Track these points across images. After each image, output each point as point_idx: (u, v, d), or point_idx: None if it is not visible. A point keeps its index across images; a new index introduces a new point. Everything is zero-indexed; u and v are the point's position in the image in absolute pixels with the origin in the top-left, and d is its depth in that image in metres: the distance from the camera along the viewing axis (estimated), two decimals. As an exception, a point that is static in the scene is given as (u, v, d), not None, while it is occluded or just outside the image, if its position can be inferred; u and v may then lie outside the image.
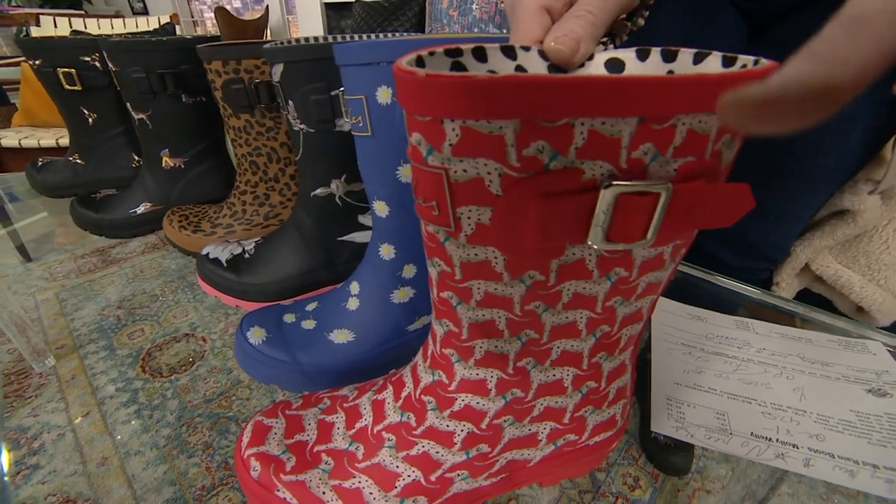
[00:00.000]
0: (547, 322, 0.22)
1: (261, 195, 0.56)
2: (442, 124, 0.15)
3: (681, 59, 0.20)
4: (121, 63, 0.56)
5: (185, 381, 0.43)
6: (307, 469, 0.26)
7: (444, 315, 0.23)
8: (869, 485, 0.29)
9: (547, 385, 0.25)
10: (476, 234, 0.18)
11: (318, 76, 0.37)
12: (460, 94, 0.14)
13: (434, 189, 0.18)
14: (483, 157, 0.16)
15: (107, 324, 0.51)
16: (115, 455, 0.36)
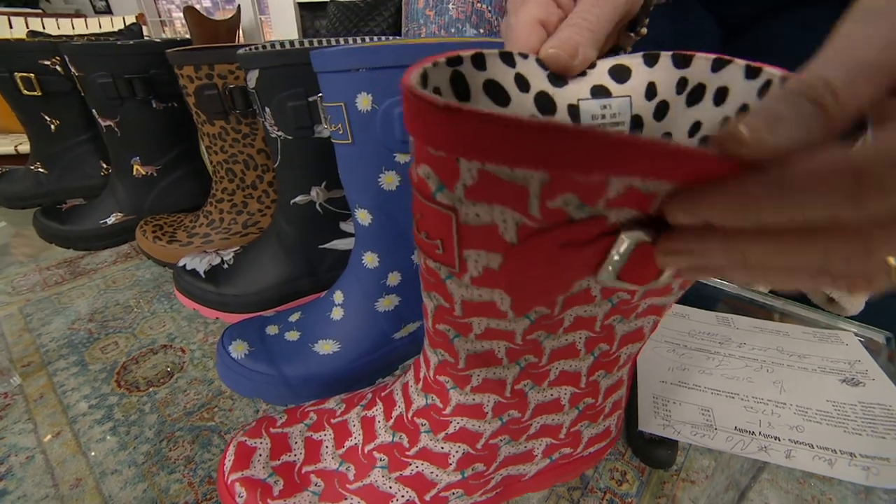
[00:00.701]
0: (547, 347, 0.21)
1: (238, 203, 0.54)
2: (457, 162, 0.13)
3: (696, 64, 0.19)
4: (85, 68, 0.53)
5: (164, 394, 0.41)
6: (296, 492, 0.25)
7: (440, 346, 0.23)
8: (847, 473, 0.30)
9: (544, 405, 0.25)
10: (483, 278, 0.17)
11: (294, 82, 0.36)
12: (485, 134, 0.12)
13: (440, 227, 0.16)
14: (500, 205, 0.14)
15: (77, 338, 0.48)
16: (90, 475, 0.34)
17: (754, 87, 0.17)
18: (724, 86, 0.18)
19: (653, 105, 0.20)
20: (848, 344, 0.43)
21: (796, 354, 0.42)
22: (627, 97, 0.20)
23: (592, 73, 0.20)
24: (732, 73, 0.18)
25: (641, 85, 0.20)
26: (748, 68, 0.17)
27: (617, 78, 0.20)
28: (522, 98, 0.19)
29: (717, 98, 0.18)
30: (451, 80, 0.18)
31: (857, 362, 0.40)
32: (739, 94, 0.18)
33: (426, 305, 0.22)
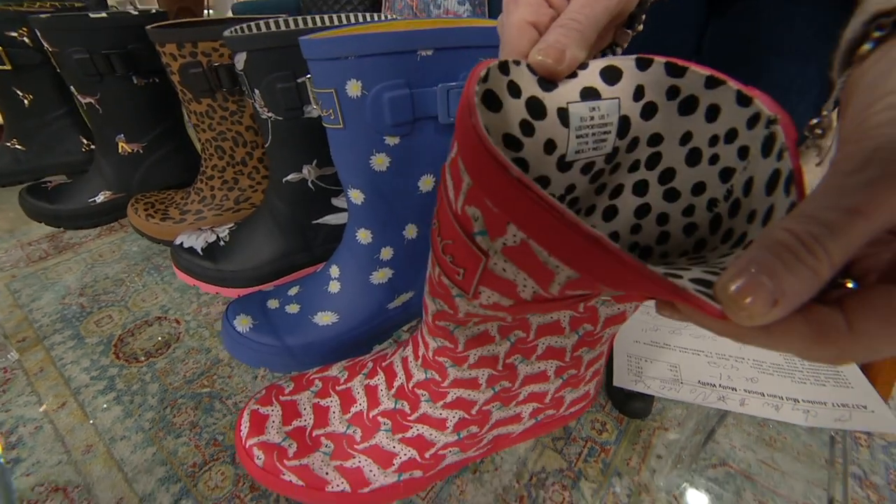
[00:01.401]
0: (533, 322, 0.24)
1: (229, 179, 0.55)
2: (507, 225, 0.14)
3: (690, 77, 0.19)
4: (58, 43, 0.52)
5: (163, 364, 0.43)
6: (309, 453, 0.28)
7: (439, 335, 0.25)
8: (790, 416, 0.35)
9: (532, 376, 0.28)
10: (491, 307, 0.19)
11: (282, 64, 0.37)
12: (541, 221, 0.13)
13: (468, 261, 0.17)
14: (526, 273, 0.16)
15: (70, 312, 0.49)
16: (100, 442, 0.36)
17: (745, 116, 0.18)
18: (716, 104, 0.19)
19: (640, 105, 0.20)
20: (804, 303, 0.47)
21: (758, 313, 0.46)
22: (616, 99, 0.20)
23: (584, 74, 0.19)
24: (725, 94, 0.18)
25: (630, 87, 0.20)
26: (739, 94, 0.17)
27: (607, 80, 0.20)
28: (514, 104, 0.19)
29: (709, 115, 0.19)
30: None
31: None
32: (730, 118, 0.18)
33: (427, 305, 0.24)
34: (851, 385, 0.37)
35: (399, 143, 0.33)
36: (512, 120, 0.19)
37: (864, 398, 0.36)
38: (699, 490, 0.34)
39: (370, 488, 0.28)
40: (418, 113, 0.31)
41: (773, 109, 0.16)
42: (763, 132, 0.16)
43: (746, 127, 0.17)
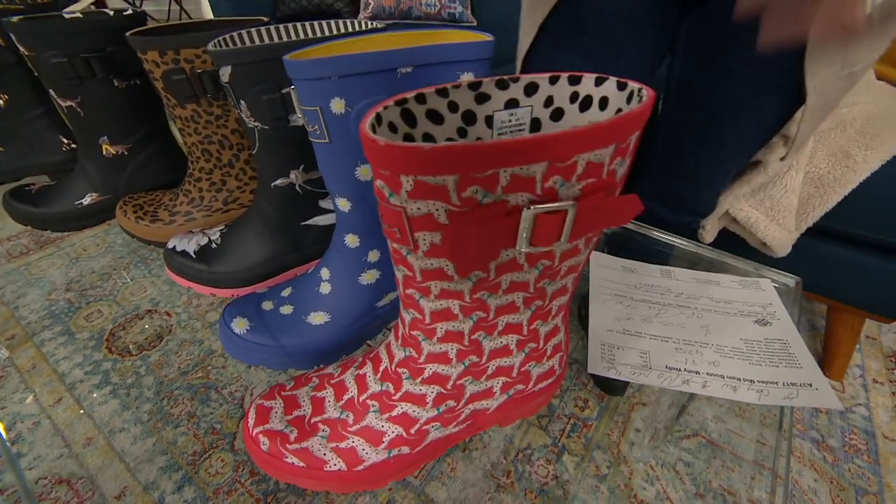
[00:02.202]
0: (492, 304, 0.27)
1: (217, 181, 0.56)
2: (399, 177, 0.20)
3: (584, 82, 0.26)
4: (34, 47, 0.52)
5: (157, 356, 0.43)
6: (308, 437, 0.31)
7: (410, 306, 0.28)
8: (745, 395, 0.38)
9: (496, 350, 0.31)
10: (430, 251, 0.23)
11: (267, 76, 0.38)
12: (412, 160, 0.18)
13: (396, 220, 0.22)
14: (432, 199, 0.20)
15: (58, 308, 0.49)
16: (100, 434, 0.37)
17: (623, 96, 0.25)
18: (606, 95, 0.25)
19: (549, 111, 0.27)
20: (765, 290, 0.51)
21: (723, 301, 0.49)
22: (530, 107, 0.27)
23: (512, 87, 0.26)
24: (609, 86, 0.25)
25: (542, 97, 0.26)
26: (618, 83, 0.25)
27: (527, 93, 0.26)
28: (452, 117, 0.26)
29: (602, 105, 0.26)
30: (401, 114, 0.24)
31: (769, 305, 0.48)
32: (615, 102, 0.25)
33: (397, 276, 0.28)
34: (801, 366, 0.41)
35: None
36: (451, 128, 0.26)
37: (810, 377, 0.39)
38: (673, 459, 0.37)
39: (364, 465, 0.31)
40: (400, 126, 0.33)
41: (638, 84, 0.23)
42: (636, 99, 0.23)
43: (626, 102, 0.25)
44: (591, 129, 0.19)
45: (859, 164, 0.68)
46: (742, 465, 0.37)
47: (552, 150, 0.19)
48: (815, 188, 0.70)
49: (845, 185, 0.68)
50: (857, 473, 0.72)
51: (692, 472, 0.36)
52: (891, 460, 0.74)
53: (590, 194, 0.22)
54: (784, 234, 0.72)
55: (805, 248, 0.73)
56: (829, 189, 0.69)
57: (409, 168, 0.19)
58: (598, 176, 0.22)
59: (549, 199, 0.21)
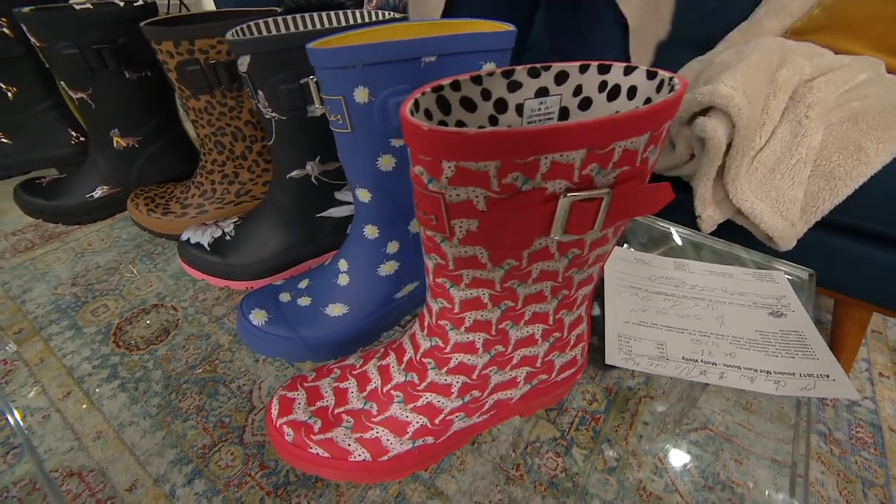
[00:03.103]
0: (521, 293, 0.27)
1: (229, 173, 0.56)
2: (441, 163, 0.19)
3: (613, 71, 0.26)
4: (46, 38, 0.51)
5: (164, 351, 0.43)
6: (332, 428, 0.31)
7: (440, 296, 0.28)
8: (762, 386, 0.38)
9: (522, 340, 0.31)
10: (466, 238, 0.23)
11: (286, 66, 0.38)
12: (456, 145, 0.18)
13: (433, 207, 0.22)
14: (472, 186, 0.20)
15: (64, 303, 0.49)
16: (109, 428, 0.37)
17: (653, 85, 0.25)
18: (634, 85, 0.25)
19: (577, 100, 0.27)
20: (778, 282, 0.51)
21: (737, 293, 0.50)
22: (559, 95, 0.27)
23: (544, 75, 0.26)
24: (638, 75, 0.25)
25: (572, 86, 0.26)
26: (647, 72, 0.24)
27: (557, 81, 0.26)
28: (485, 105, 0.26)
29: (630, 94, 0.26)
30: (437, 100, 0.24)
31: (783, 297, 0.48)
32: (644, 91, 0.25)
33: (427, 265, 0.28)
34: (817, 357, 0.41)
35: (404, 144, 0.34)
36: (482, 116, 0.26)
37: (827, 369, 0.40)
38: (682, 452, 0.37)
39: (388, 456, 0.31)
40: (422, 116, 0.33)
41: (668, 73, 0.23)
42: (667, 88, 0.23)
43: (656, 91, 0.24)
44: (629, 115, 0.19)
45: (871, 158, 0.68)
46: (750, 458, 0.37)
47: (592, 136, 0.19)
48: (825, 181, 0.70)
49: (856, 178, 0.68)
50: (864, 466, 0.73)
51: (700, 465, 0.36)
52: (898, 452, 0.75)
53: (624, 182, 0.22)
54: (788, 227, 0.72)
55: (813, 242, 0.73)
56: (840, 182, 0.69)
57: (451, 153, 0.19)
58: (632, 163, 0.22)
59: (585, 186, 0.21)
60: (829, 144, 0.71)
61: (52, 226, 0.61)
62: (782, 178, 0.72)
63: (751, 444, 0.38)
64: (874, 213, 0.69)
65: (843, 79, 0.77)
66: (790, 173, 0.71)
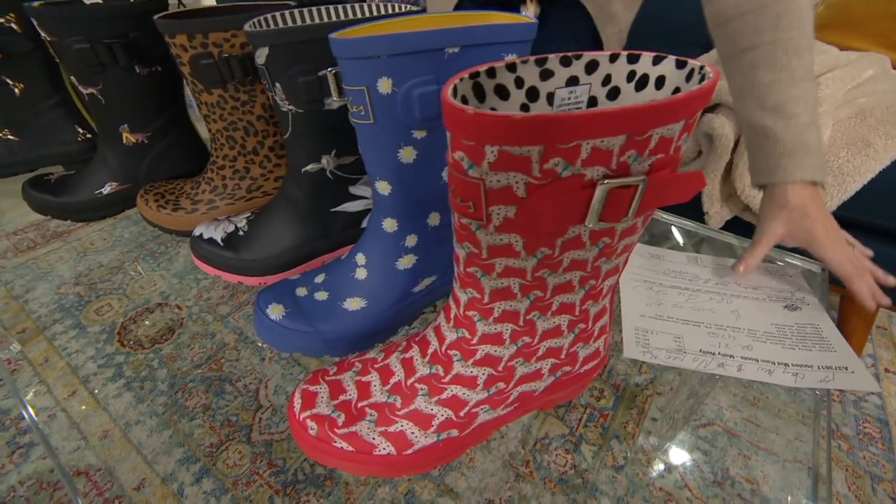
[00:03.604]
0: (551, 283, 0.27)
1: (240, 169, 0.56)
2: (483, 147, 0.19)
3: (642, 60, 0.26)
4: (57, 32, 0.51)
5: (169, 350, 0.43)
6: (356, 421, 0.31)
7: (470, 285, 0.28)
8: (781, 378, 0.38)
9: (549, 331, 0.31)
10: (502, 226, 0.23)
11: (304, 58, 0.37)
12: (502, 129, 0.18)
13: (472, 193, 0.22)
14: (514, 171, 0.20)
15: (67, 302, 0.49)
16: (116, 427, 0.37)
17: (682, 75, 0.24)
18: (662, 75, 0.25)
19: (606, 89, 0.27)
20: (792, 276, 0.51)
21: (751, 287, 0.50)
22: (588, 84, 0.27)
23: (575, 64, 0.26)
24: (667, 65, 0.25)
25: (601, 75, 0.26)
26: (677, 61, 0.24)
27: (587, 70, 0.26)
28: (517, 93, 0.26)
29: (658, 84, 0.26)
30: (473, 88, 0.24)
31: (797, 291, 0.49)
32: (673, 80, 0.25)
33: (458, 254, 0.27)
34: (834, 349, 0.41)
35: (426, 136, 0.34)
36: (515, 104, 0.26)
37: (845, 360, 0.40)
38: (690, 448, 0.37)
39: (413, 449, 0.31)
40: (444, 107, 0.33)
41: (698, 62, 0.23)
42: (698, 78, 0.23)
43: (685, 81, 0.24)
44: (668, 102, 0.19)
45: (879, 153, 0.68)
46: (759, 454, 0.37)
47: (633, 122, 0.19)
48: (833, 177, 0.71)
49: (865, 173, 0.68)
50: (872, 461, 0.73)
51: (710, 461, 0.36)
52: (905, 447, 0.75)
53: (658, 170, 0.22)
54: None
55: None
56: (849, 178, 0.69)
57: (496, 138, 0.19)
58: (666, 151, 0.22)
59: (622, 173, 0.21)
60: (838, 140, 0.71)
61: (53, 225, 0.60)
62: (790, 173, 0.72)
63: (759, 439, 0.38)
64: (882, 208, 0.69)
65: (850, 75, 0.77)
66: (797, 169, 0.71)
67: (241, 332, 0.46)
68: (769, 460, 0.36)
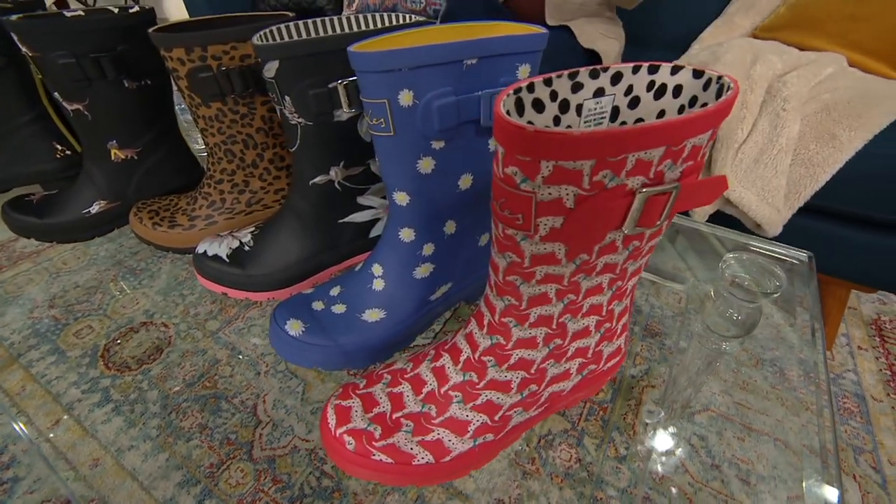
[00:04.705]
0: (584, 286, 0.28)
1: (239, 182, 0.55)
2: (539, 163, 0.20)
3: (661, 71, 0.27)
4: (40, 47, 0.49)
5: (159, 370, 0.42)
6: (393, 433, 0.31)
7: (508, 293, 0.28)
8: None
9: (578, 332, 0.32)
10: (548, 236, 0.24)
11: (315, 70, 0.37)
12: (560, 145, 0.19)
13: (522, 206, 0.23)
14: (565, 184, 0.21)
15: (43, 327, 0.46)
16: (107, 454, 0.35)
17: (700, 84, 0.26)
18: (680, 84, 0.26)
19: (628, 99, 0.28)
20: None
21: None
22: (613, 95, 0.28)
23: (602, 76, 0.27)
24: (685, 75, 0.26)
25: (624, 86, 0.28)
26: (694, 72, 0.25)
27: (612, 82, 0.27)
28: (551, 106, 0.27)
29: (675, 92, 0.27)
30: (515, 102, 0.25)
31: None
32: (690, 89, 0.26)
33: (498, 263, 0.28)
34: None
35: (444, 146, 0.35)
36: (548, 117, 0.27)
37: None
38: (688, 435, 0.39)
39: (451, 456, 0.31)
40: (462, 118, 0.33)
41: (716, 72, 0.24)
42: (715, 87, 0.24)
43: (703, 89, 0.25)
44: (702, 114, 0.20)
45: (845, 145, 0.73)
46: (751, 435, 0.38)
47: (672, 134, 0.20)
48: (805, 169, 0.75)
49: (833, 164, 0.73)
50: (854, 434, 0.78)
51: (706, 445, 0.38)
52: (881, 420, 0.80)
53: (688, 176, 0.24)
54: (774, 213, 0.77)
55: (797, 226, 0.78)
56: (819, 169, 0.74)
57: (553, 153, 0.20)
58: (695, 158, 0.23)
59: (658, 181, 0.22)
60: (807, 134, 0.76)
61: (20, 245, 0.57)
62: (766, 167, 0.76)
63: (750, 421, 0.40)
64: (851, 196, 0.74)
65: (812, 73, 0.82)
66: (773, 163, 0.75)
67: (234, 347, 0.45)
68: (761, 441, 0.38)
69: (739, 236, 0.61)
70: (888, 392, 0.85)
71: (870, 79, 0.84)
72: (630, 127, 0.19)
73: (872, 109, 0.74)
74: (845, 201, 0.75)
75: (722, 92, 0.24)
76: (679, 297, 0.53)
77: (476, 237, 0.44)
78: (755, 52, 0.86)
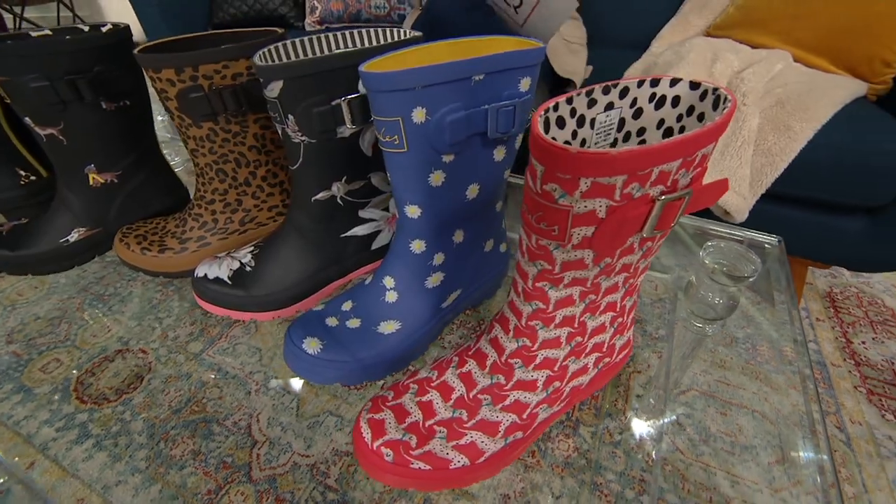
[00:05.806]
0: (603, 286, 0.30)
1: (232, 202, 0.54)
2: (578, 180, 0.22)
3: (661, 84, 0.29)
4: (9, 70, 0.46)
5: (141, 398, 0.40)
6: (428, 441, 0.32)
7: (536, 298, 0.30)
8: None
9: (596, 329, 0.34)
10: (580, 244, 0.26)
11: (318, 89, 0.37)
12: (599, 164, 0.21)
13: (559, 219, 0.24)
14: (600, 197, 0.23)
15: (2, 364, 0.43)
16: (92, 492, 0.33)
17: (696, 95, 0.28)
18: (678, 95, 0.29)
19: (633, 110, 0.30)
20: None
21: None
22: (620, 108, 0.30)
23: (612, 92, 0.29)
24: (682, 87, 0.28)
25: (630, 98, 0.30)
26: (691, 83, 0.28)
27: (621, 95, 0.29)
28: (570, 122, 0.29)
29: (674, 103, 0.29)
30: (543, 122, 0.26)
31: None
32: (687, 99, 0.28)
33: (527, 271, 0.30)
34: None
35: (453, 159, 0.36)
36: (567, 132, 0.29)
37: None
38: (676, 414, 0.41)
39: (485, 457, 0.32)
40: (471, 131, 0.35)
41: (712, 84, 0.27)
42: (711, 98, 0.26)
43: (699, 100, 0.27)
44: (712, 128, 0.23)
45: (798, 135, 0.79)
46: (731, 409, 0.41)
47: (688, 148, 0.22)
48: (766, 158, 0.81)
49: (789, 153, 0.79)
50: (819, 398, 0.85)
51: (693, 423, 0.40)
52: (840, 383, 0.88)
53: (695, 181, 0.26)
54: (741, 201, 0.82)
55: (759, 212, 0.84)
56: (777, 158, 0.80)
57: (591, 171, 0.21)
58: (703, 166, 0.26)
59: (674, 189, 0.25)
60: (765, 126, 0.82)
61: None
62: (731, 158, 0.81)
63: (730, 396, 0.42)
64: (806, 181, 0.80)
65: (765, 69, 0.89)
66: (737, 154, 0.81)
67: (220, 367, 0.44)
68: (741, 413, 0.41)
69: (706, 223, 0.65)
70: (844, 357, 0.93)
71: (815, 73, 0.91)
72: (658, 144, 0.21)
73: (819, 102, 0.81)
74: (803, 187, 0.81)
75: (718, 102, 0.27)
76: (655, 285, 0.56)
77: (482, 243, 0.45)
78: (714, 51, 0.92)
